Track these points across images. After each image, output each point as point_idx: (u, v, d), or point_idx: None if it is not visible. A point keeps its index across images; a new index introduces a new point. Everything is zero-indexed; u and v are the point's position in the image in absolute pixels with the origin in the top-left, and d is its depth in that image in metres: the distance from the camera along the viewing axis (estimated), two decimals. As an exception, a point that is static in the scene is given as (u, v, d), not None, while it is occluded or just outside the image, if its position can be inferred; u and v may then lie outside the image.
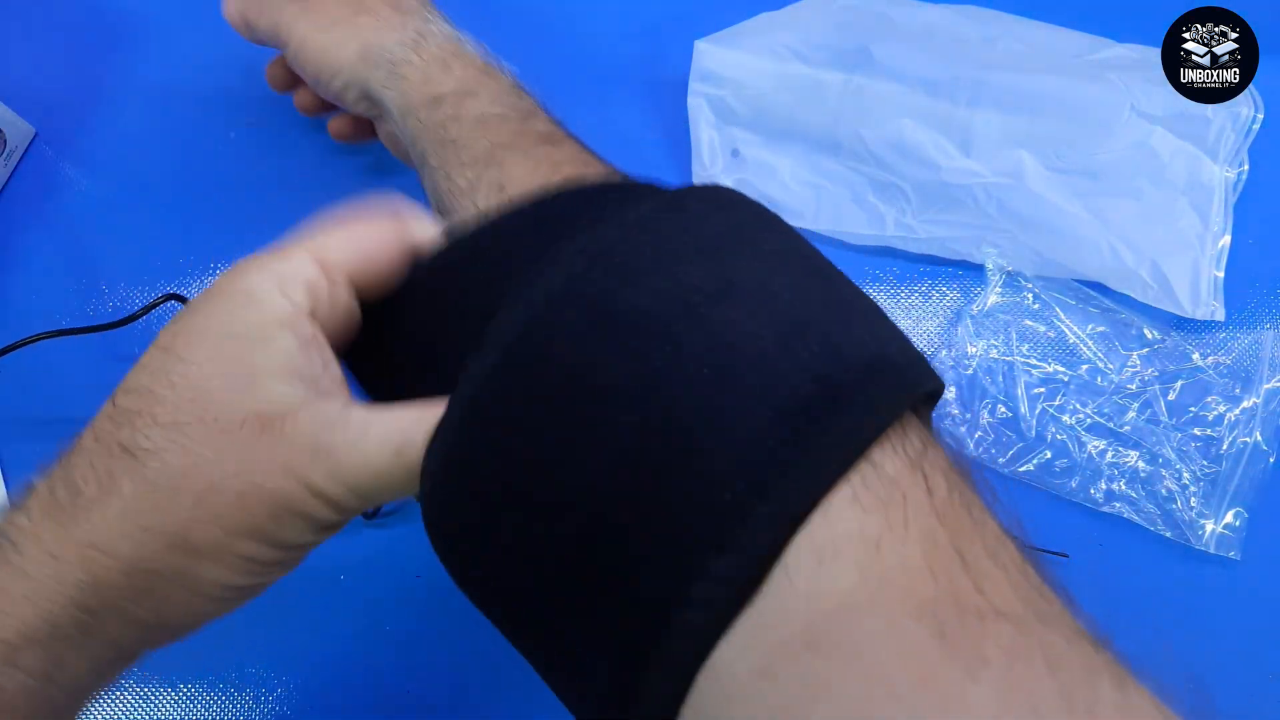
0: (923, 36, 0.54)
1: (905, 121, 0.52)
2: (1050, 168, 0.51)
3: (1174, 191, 0.51)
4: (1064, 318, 0.50)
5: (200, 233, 0.54)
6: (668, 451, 0.19)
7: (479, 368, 0.21)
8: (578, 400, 0.20)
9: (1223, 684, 0.44)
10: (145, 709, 0.45)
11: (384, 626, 0.46)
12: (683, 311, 0.21)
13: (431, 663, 0.45)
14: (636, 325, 0.21)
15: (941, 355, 0.50)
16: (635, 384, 0.20)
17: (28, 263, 0.53)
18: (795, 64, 0.54)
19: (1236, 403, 0.48)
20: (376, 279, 0.24)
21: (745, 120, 0.54)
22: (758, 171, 0.53)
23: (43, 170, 0.55)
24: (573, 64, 0.57)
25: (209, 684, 0.45)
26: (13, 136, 0.54)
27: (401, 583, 0.47)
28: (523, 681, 0.45)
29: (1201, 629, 0.45)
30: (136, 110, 0.57)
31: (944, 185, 0.51)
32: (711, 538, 0.19)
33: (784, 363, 0.20)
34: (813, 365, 0.20)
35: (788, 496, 0.19)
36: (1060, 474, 0.48)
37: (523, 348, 0.21)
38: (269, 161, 0.55)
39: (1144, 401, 0.49)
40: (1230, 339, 0.50)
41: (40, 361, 0.48)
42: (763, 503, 0.19)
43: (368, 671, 0.45)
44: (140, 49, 0.59)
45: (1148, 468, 0.48)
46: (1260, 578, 0.46)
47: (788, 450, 0.19)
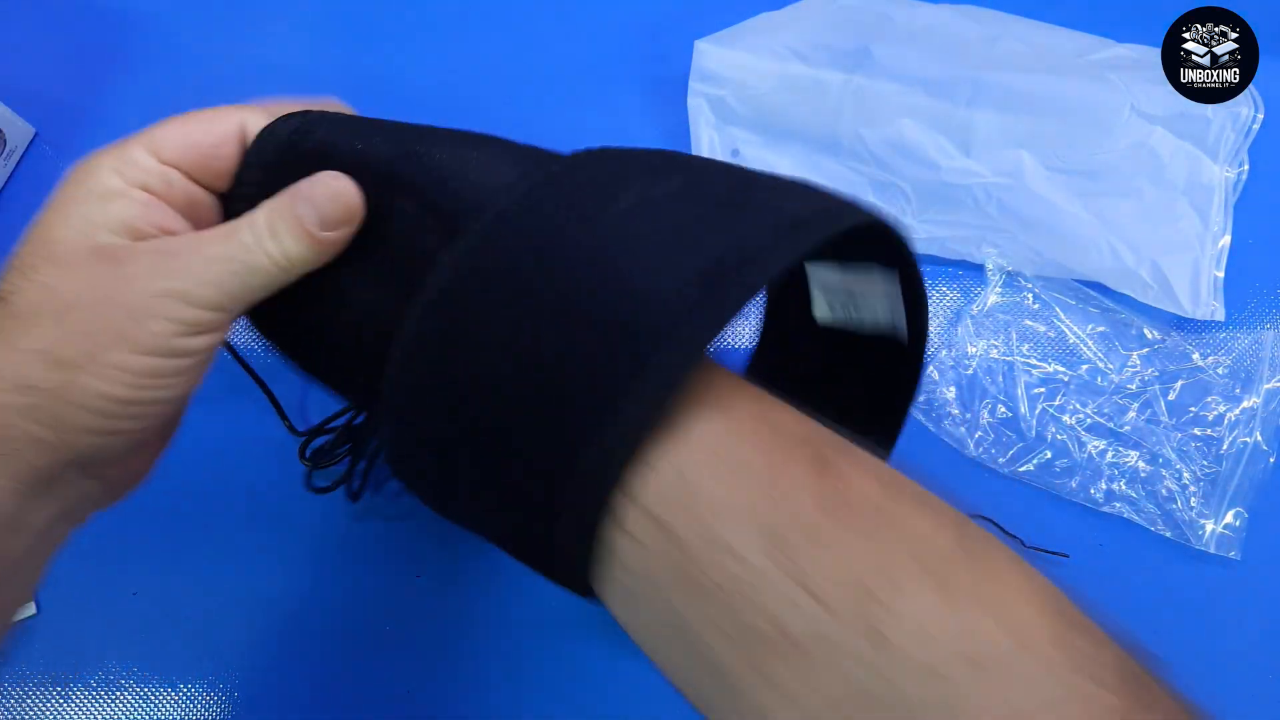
0: (923, 36, 0.54)
1: (905, 121, 0.52)
2: (1050, 168, 0.51)
3: (1174, 191, 0.51)
4: (1064, 318, 0.50)
5: (200, 233, 0.54)
6: (597, 303, 0.22)
7: (455, 252, 0.24)
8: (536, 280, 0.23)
9: (1223, 684, 0.44)
10: (145, 709, 0.45)
11: (384, 626, 0.46)
12: (614, 214, 0.24)
13: (431, 663, 0.45)
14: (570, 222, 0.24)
15: (941, 355, 0.50)
16: (577, 256, 0.23)
17: (28, 263, 0.53)
18: (795, 64, 0.54)
19: (1237, 403, 0.48)
20: (211, 167, 0.28)
21: (745, 120, 0.54)
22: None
23: (43, 170, 0.55)
24: (573, 64, 0.57)
25: (209, 684, 0.45)
26: (13, 136, 0.54)
27: (401, 583, 0.47)
28: (522, 682, 0.45)
29: (1201, 629, 0.45)
30: (137, 110, 0.57)
31: (944, 185, 0.51)
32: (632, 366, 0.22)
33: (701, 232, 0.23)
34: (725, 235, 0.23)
35: (695, 337, 0.21)
36: (1060, 474, 0.48)
37: (485, 245, 0.24)
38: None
39: (1144, 401, 0.49)
40: (1230, 339, 0.50)
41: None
42: (670, 340, 0.21)
43: (367, 671, 0.45)
44: (140, 49, 0.59)
45: (1148, 468, 0.48)
46: (1260, 578, 0.46)
47: (700, 296, 0.22)
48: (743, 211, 0.24)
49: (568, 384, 0.22)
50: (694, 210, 0.24)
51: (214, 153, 0.28)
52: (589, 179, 0.25)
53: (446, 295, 0.24)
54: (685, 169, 0.26)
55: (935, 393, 0.49)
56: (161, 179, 0.27)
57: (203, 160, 0.28)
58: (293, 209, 0.26)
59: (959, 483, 0.48)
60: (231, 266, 0.26)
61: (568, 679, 0.45)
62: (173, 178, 0.27)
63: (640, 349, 0.21)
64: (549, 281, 0.23)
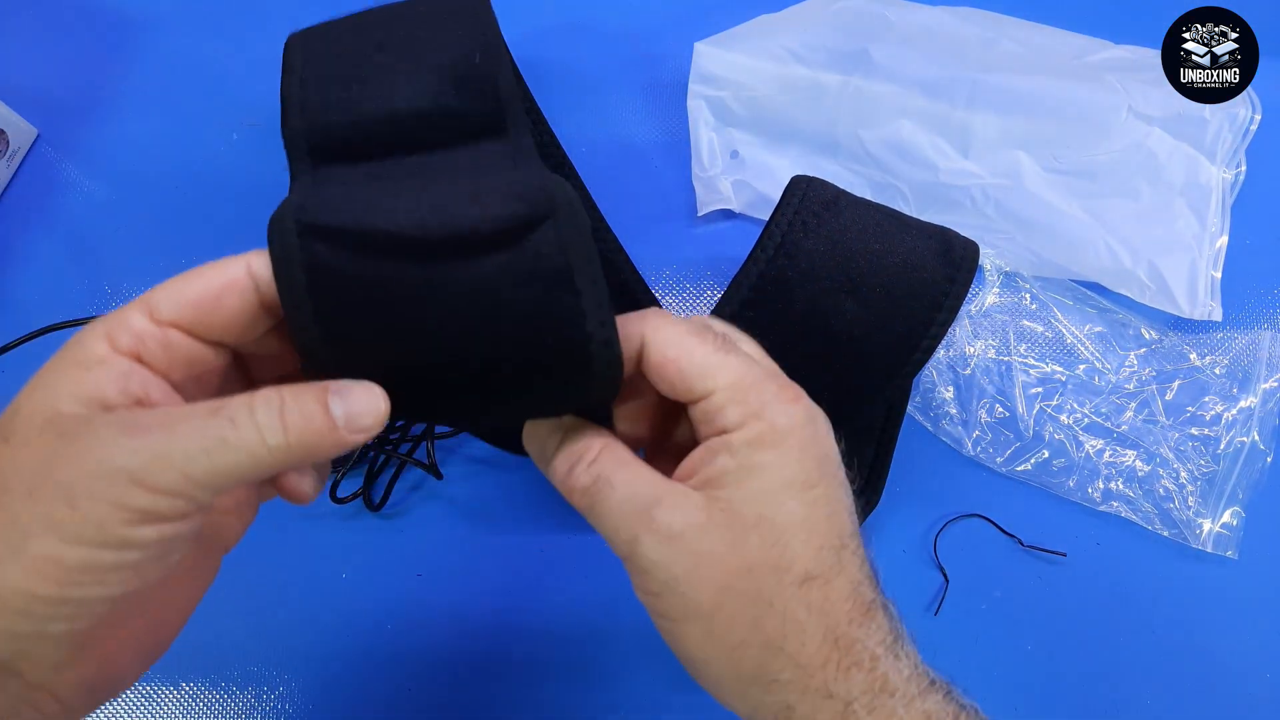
0: (921, 38, 0.54)
1: (903, 123, 0.52)
2: (1048, 169, 0.51)
3: (1171, 192, 0.51)
4: (1061, 318, 0.51)
5: (202, 233, 0.54)
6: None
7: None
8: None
9: (1220, 683, 0.44)
10: (148, 706, 0.45)
11: (384, 626, 0.46)
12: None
13: (431, 662, 0.46)
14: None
15: (939, 355, 0.50)
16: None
17: (30, 263, 0.53)
18: (794, 65, 0.54)
19: (1234, 402, 0.49)
20: (212, 321, 0.25)
21: (744, 121, 0.54)
22: (757, 172, 0.53)
23: (45, 171, 0.55)
24: (573, 65, 0.58)
25: (211, 682, 0.45)
26: (15, 138, 0.55)
27: (401, 582, 0.47)
28: (522, 682, 0.45)
29: (1199, 628, 0.45)
30: (138, 111, 0.57)
31: (942, 186, 0.51)
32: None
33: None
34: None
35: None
36: (1058, 473, 0.48)
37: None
38: (271, 162, 0.56)
39: (1141, 401, 0.49)
40: (1227, 339, 0.50)
41: (47, 357, 0.49)
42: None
43: (368, 670, 0.46)
44: (141, 50, 0.59)
45: (1145, 467, 0.48)
46: (1257, 577, 0.46)
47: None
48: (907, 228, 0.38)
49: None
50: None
51: (214, 305, 0.25)
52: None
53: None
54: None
55: (933, 393, 0.49)
56: (159, 341, 0.25)
57: (202, 315, 0.25)
58: (322, 400, 0.24)
59: (957, 482, 0.48)
60: (203, 444, 0.22)
61: (568, 679, 0.45)
62: (172, 338, 0.25)
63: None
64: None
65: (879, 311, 0.36)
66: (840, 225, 0.37)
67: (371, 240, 0.24)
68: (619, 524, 0.26)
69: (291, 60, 0.30)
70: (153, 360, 0.25)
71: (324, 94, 0.29)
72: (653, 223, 0.54)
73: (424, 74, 0.29)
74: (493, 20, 0.32)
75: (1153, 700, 0.44)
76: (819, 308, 0.36)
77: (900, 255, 0.36)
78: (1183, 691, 0.44)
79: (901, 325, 0.36)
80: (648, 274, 0.51)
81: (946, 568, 0.46)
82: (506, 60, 0.31)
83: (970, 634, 0.46)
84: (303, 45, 0.30)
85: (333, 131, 0.28)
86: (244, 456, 0.23)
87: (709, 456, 0.27)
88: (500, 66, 0.29)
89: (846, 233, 0.36)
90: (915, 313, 0.36)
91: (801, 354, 0.36)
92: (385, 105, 0.29)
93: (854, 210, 0.37)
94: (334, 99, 0.29)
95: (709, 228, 0.54)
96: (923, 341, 0.36)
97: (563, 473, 0.28)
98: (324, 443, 0.24)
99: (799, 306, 0.36)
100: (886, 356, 0.37)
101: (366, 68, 0.29)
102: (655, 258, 0.52)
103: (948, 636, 0.45)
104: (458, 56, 0.29)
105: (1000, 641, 0.46)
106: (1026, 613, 0.46)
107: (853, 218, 0.37)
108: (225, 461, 0.22)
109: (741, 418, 0.26)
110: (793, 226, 0.36)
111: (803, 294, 0.36)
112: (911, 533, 0.47)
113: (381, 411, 0.24)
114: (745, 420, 0.26)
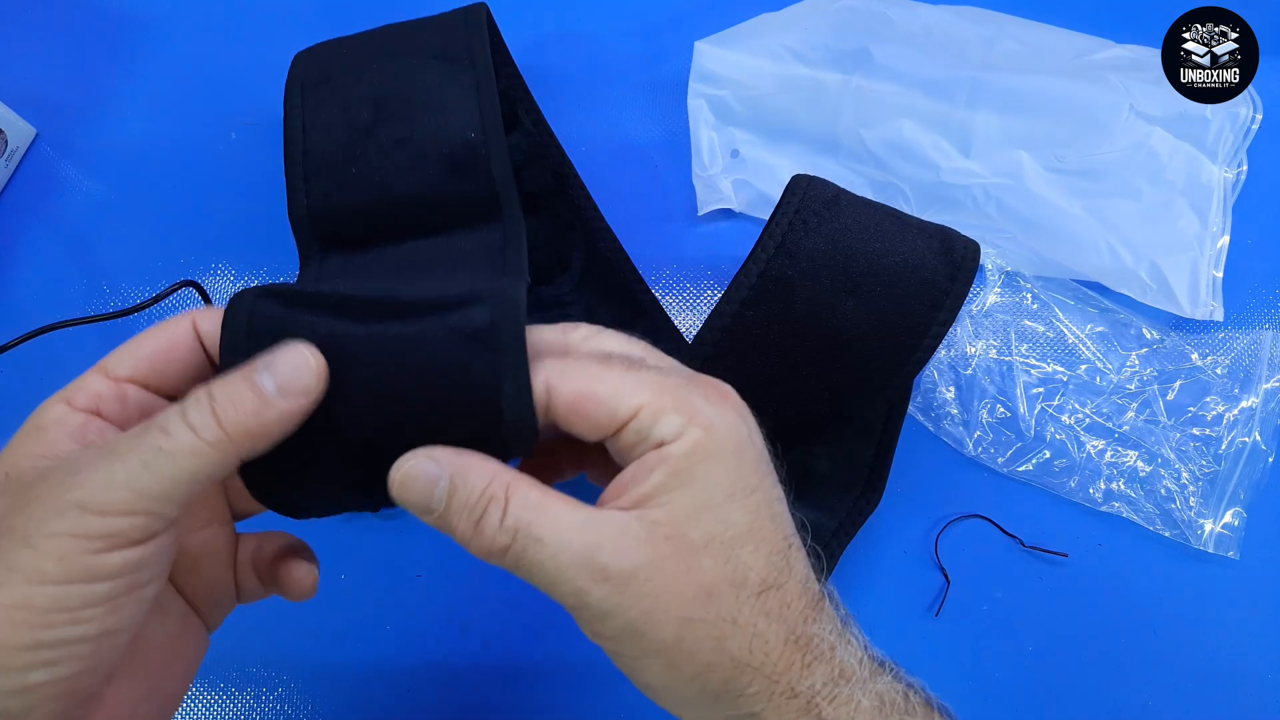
0: (922, 37, 0.54)
1: (904, 122, 0.52)
2: (1049, 168, 0.51)
3: (1173, 192, 0.51)
4: (1063, 318, 0.50)
5: (201, 232, 0.54)
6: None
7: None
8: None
9: (1221, 683, 0.44)
10: (146, 708, 0.45)
11: (384, 626, 0.46)
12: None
13: (431, 663, 0.46)
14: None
15: (941, 355, 0.50)
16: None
17: (29, 263, 0.53)
18: (795, 65, 0.54)
19: (1235, 402, 0.48)
20: (165, 373, 0.27)
21: (745, 121, 0.54)
22: (757, 172, 0.53)
23: (44, 170, 0.55)
24: (573, 65, 0.58)
25: (209, 683, 0.45)
26: (14, 137, 0.54)
27: (401, 583, 0.47)
28: (522, 683, 0.45)
29: (1200, 628, 0.45)
30: (137, 110, 0.57)
31: (943, 186, 0.51)
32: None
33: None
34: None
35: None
36: (1059, 473, 0.48)
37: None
38: (269, 161, 0.55)
39: (1143, 401, 0.49)
40: (1229, 339, 0.50)
41: (47, 357, 0.48)
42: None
43: (367, 672, 0.45)
44: (140, 49, 0.59)
45: (1147, 467, 0.48)
46: (1259, 577, 0.46)
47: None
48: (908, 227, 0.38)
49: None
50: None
51: (165, 359, 0.26)
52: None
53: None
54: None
55: (934, 393, 0.49)
56: (115, 398, 0.26)
57: (155, 369, 0.26)
58: (248, 379, 0.24)
59: (958, 482, 0.48)
60: (141, 458, 0.22)
61: (568, 681, 0.45)
62: (128, 392, 0.26)
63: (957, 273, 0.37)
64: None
65: (880, 311, 0.36)
66: (841, 225, 0.36)
67: (323, 301, 0.26)
68: (556, 579, 0.24)
69: (292, 102, 0.35)
70: (110, 414, 0.26)
71: (324, 181, 0.36)
72: (653, 222, 0.53)
73: (425, 164, 0.35)
74: (490, 74, 0.38)
75: (1154, 701, 0.44)
76: (819, 307, 0.36)
77: (901, 255, 0.36)
78: (1184, 692, 0.44)
79: (902, 325, 0.36)
80: (648, 274, 0.51)
81: (948, 568, 0.46)
82: (502, 139, 0.36)
83: (971, 635, 0.46)
84: (301, 86, 0.37)
85: (335, 218, 0.35)
86: (185, 459, 0.23)
87: (642, 473, 0.25)
88: (496, 148, 0.35)
89: (847, 232, 0.36)
90: (916, 312, 0.36)
91: (802, 354, 0.36)
92: (385, 192, 0.34)
93: (855, 209, 0.37)
94: (332, 186, 0.36)
95: (709, 227, 0.54)
96: (923, 341, 0.36)
97: (467, 532, 0.25)
98: (263, 421, 0.23)
99: (799, 306, 0.36)
100: (887, 356, 0.37)
101: (368, 141, 0.35)
102: (655, 257, 0.52)
103: (949, 637, 0.45)
104: (455, 134, 0.35)
105: (1001, 642, 0.45)
106: (1028, 613, 0.46)
107: (853, 217, 0.37)
108: (168, 469, 0.23)
109: (678, 428, 0.25)
110: (793, 226, 0.36)
111: (803, 293, 0.36)
112: (912, 533, 0.47)
113: (313, 367, 0.24)
114: (681, 430, 0.25)
